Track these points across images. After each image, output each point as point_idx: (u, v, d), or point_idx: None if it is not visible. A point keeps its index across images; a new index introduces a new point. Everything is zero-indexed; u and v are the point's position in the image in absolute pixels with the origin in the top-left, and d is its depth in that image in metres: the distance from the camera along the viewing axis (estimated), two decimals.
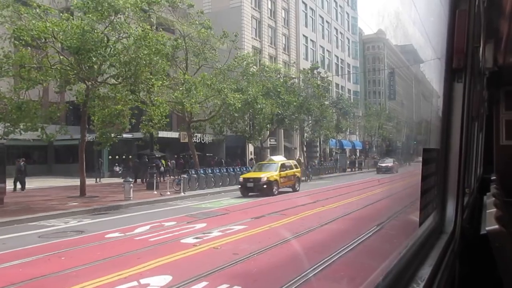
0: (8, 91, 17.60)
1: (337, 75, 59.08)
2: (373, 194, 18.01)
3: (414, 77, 46.19)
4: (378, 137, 56.21)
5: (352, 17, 67.43)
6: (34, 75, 17.43)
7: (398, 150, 39.91)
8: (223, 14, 39.81)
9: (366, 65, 72.74)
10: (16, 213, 14.02)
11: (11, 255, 8.71)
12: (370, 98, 70.69)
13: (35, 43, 17.56)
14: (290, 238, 9.71)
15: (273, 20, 48.38)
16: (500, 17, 3.19)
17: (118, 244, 9.85)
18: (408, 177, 8.30)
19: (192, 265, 7.64)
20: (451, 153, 2.40)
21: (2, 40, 16.63)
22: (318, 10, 57.53)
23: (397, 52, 67.06)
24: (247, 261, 7.52)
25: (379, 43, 71.78)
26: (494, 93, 5.34)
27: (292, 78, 39.21)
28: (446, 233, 2.35)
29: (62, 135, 20.16)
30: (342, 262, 7.12)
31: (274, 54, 48.00)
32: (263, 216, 13.47)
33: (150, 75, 19.10)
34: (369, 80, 74.39)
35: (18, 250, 9.18)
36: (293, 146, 47.62)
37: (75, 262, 7.94)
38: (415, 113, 19.18)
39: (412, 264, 1.74)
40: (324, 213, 13.66)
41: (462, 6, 2.25)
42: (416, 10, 2.85)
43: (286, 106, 33.82)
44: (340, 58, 63.35)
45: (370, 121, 53.80)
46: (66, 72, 18.15)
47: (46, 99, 24.14)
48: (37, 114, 17.79)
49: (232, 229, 10.84)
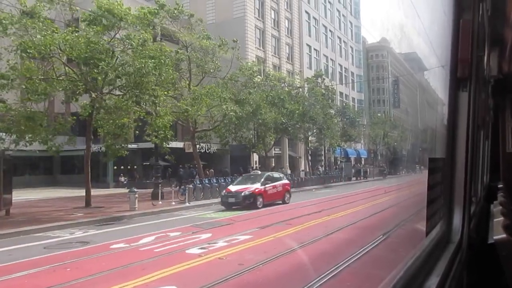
0: (15, 103, 17.76)
1: (341, 83, 59.13)
2: (379, 203, 17.91)
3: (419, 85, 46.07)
4: (383, 145, 56.01)
5: (355, 26, 67.68)
6: (41, 87, 17.59)
7: (403, 159, 39.76)
8: (227, 25, 40.13)
9: (370, 74, 72.83)
10: (22, 224, 14.05)
11: (16, 266, 8.71)
12: (374, 107, 70.64)
13: (42, 56, 17.73)
14: (296, 247, 9.65)
15: (276, 30, 48.65)
16: (504, 25, 3.19)
17: (123, 255, 9.83)
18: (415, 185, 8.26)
19: (198, 275, 7.60)
20: (457, 161, 2.39)
21: (8, 52, 16.81)
22: (321, 19, 57.81)
23: (401, 60, 67.15)
24: (252, 272, 7.47)
25: (383, 52, 71.90)
26: (499, 101, 5.32)
27: (297, 88, 39.31)
28: (453, 242, 2.34)
29: (68, 146, 20.27)
30: (348, 272, 7.06)
31: (278, 63, 48.19)
32: (269, 226, 13.41)
33: (155, 85, 19.21)
34: (373, 89, 74.39)
35: (24, 261, 9.18)
36: (297, 155, 47.55)
37: (80, 273, 7.92)
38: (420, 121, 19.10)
39: (419, 274, 1.73)
40: (329, 223, 13.59)
41: (466, 16, 2.26)
42: (420, 20, 2.87)
43: (290, 115, 33.86)
44: (344, 66, 63.48)
45: (375, 129, 53.69)
46: (72, 84, 18.31)
47: (51, 110, 24.32)
48: (44, 126, 17.92)
49: (238, 239, 10.79)
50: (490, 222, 3.54)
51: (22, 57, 17.83)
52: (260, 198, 19.20)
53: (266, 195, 19.66)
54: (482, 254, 2.80)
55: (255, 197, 18.96)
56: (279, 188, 20.87)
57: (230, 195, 19.22)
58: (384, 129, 53.29)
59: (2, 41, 17.01)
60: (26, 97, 17.65)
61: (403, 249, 3.96)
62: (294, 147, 47.32)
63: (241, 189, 19.27)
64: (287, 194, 21.50)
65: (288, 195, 21.55)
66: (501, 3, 2.83)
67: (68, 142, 19.83)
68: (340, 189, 31.45)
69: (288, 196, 21.56)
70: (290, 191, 22.10)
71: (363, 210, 16.73)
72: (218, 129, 29.57)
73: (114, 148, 20.06)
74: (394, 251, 6.92)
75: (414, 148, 17.18)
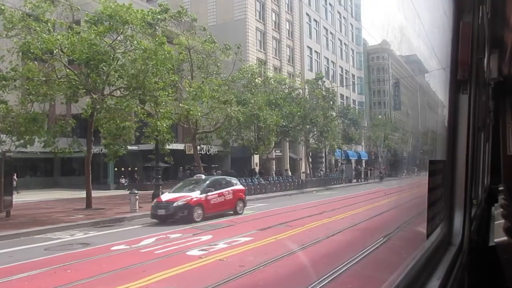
0: (16, 104, 17.78)
1: (341, 85, 59.14)
2: (380, 205, 17.89)
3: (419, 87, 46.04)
4: (384, 147, 55.99)
5: (356, 28, 67.72)
6: (42, 89, 17.62)
7: (404, 161, 39.73)
8: (227, 27, 40.19)
9: (370, 76, 72.83)
10: (23, 226, 14.06)
11: (17, 268, 8.71)
12: (375, 109, 70.64)
13: (43, 57, 17.76)
14: (297, 249, 9.65)
15: (277, 32, 48.71)
16: (504, 28, 3.20)
17: (124, 257, 9.83)
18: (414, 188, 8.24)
19: (198, 277, 7.60)
20: (457, 164, 2.40)
21: (10, 54, 16.85)
22: (322, 21, 57.87)
23: (401, 62, 67.15)
24: (253, 273, 7.47)
25: (384, 54, 71.92)
26: (500, 103, 5.32)
27: (297, 89, 39.36)
28: (454, 245, 2.34)
29: (72, 149, 20.28)
30: (349, 274, 7.05)
31: (279, 65, 48.23)
32: (269, 227, 13.40)
33: (157, 86, 19.23)
34: (374, 91, 74.39)
35: (25, 263, 9.18)
36: (298, 157, 47.56)
37: (81, 275, 7.93)
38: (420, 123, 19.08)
39: (420, 276, 1.73)
40: (330, 224, 13.58)
41: (465, 18, 2.27)
42: (421, 22, 2.87)
43: (291, 118, 33.88)
44: (345, 69, 63.51)
45: (376, 131, 53.69)
46: (73, 85, 18.34)
47: (52, 112, 24.36)
48: (44, 128, 17.95)
49: (238, 241, 10.79)
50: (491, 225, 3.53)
51: (23, 58, 17.88)
52: (198, 209, 15.74)
53: (208, 205, 16.26)
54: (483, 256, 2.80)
55: (191, 208, 15.45)
56: (229, 196, 17.52)
57: (160, 205, 15.72)
58: (385, 131, 53.30)
59: (5, 42, 17.05)
60: (27, 98, 17.67)
61: (404, 251, 3.96)
62: (295, 149, 47.33)
63: (174, 198, 15.88)
64: (240, 203, 18.19)
65: (241, 204, 18.24)
66: (501, 5, 2.84)
67: (72, 144, 19.83)
68: (341, 191, 31.45)
69: (242, 206, 18.25)
70: (244, 199, 18.83)
71: (364, 212, 16.73)
72: (219, 131, 29.60)
73: (114, 148, 20.04)
74: (395, 253, 6.90)
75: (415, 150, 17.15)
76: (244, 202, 18.64)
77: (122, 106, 18.85)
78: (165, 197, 16.57)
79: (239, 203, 18.12)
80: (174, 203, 15.52)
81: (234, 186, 18.48)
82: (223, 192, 17.38)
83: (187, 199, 15.72)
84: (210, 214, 16.17)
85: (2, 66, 16.91)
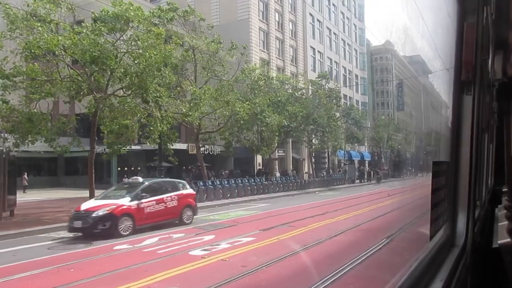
0: (19, 104, 17.84)
1: (345, 86, 59.06)
2: (383, 205, 17.86)
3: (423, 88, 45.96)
4: (387, 148, 55.90)
5: (360, 29, 67.62)
6: (45, 88, 17.67)
7: (407, 161, 39.64)
8: (231, 27, 40.17)
9: (374, 76, 72.70)
10: (26, 225, 14.11)
11: (20, 267, 8.75)
12: (378, 109, 70.48)
13: (47, 57, 17.82)
14: (299, 250, 9.64)
15: (280, 32, 48.69)
16: (508, 29, 3.18)
17: (126, 256, 9.86)
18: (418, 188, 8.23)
19: (201, 277, 7.61)
20: (461, 165, 2.39)
21: (14, 54, 16.91)
22: (325, 22, 57.81)
23: (405, 63, 67.00)
24: (256, 274, 7.47)
25: (387, 54, 71.78)
26: (504, 104, 5.30)
27: (300, 89, 39.34)
28: (457, 246, 2.33)
29: (73, 147, 20.32)
30: (352, 275, 7.04)
31: (282, 65, 48.21)
32: (272, 228, 13.40)
33: (158, 86, 19.25)
34: (377, 91, 74.22)
35: (28, 262, 9.22)
36: (301, 157, 47.52)
37: (84, 274, 7.95)
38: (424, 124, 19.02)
39: (423, 278, 1.72)
40: (333, 225, 13.56)
41: (469, 19, 2.26)
42: (424, 23, 2.87)
43: (294, 118, 33.87)
44: (348, 69, 63.42)
45: (379, 132, 53.61)
46: (76, 84, 18.38)
47: (56, 112, 24.43)
48: (47, 126, 17.98)
49: (241, 241, 10.79)
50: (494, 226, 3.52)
51: (26, 58, 17.93)
52: (126, 220, 12.86)
53: (141, 215, 13.34)
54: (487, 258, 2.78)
55: (115, 220, 12.56)
56: (172, 203, 14.56)
57: (77, 216, 12.77)
58: (388, 131, 53.21)
59: (9, 43, 17.12)
60: (29, 97, 17.71)
61: (407, 252, 3.96)
62: (298, 149, 47.29)
63: (95, 207, 12.92)
64: (188, 211, 15.22)
65: (189, 212, 15.24)
66: (505, 6, 2.83)
67: (73, 142, 19.85)
68: (344, 192, 31.41)
69: (190, 214, 15.25)
70: (194, 206, 15.78)
71: (367, 212, 16.68)
72: (222, 131, 29.63)
73: (116, 147, 20.06)
74: (397, 254, 6.89)
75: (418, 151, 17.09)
76: (193, 209, 15.56)
77: (125, 105, 18.90)
78: (85, 205, 13.42)
79: (186, 210, 15.14)
80: (94, 213, 12.54)
81: (181, 190, 15.63)
82: (164, 198, 14.37)
83: (111, 208, 12.75)
84: (144, 226, 13.30)
85: (5, 67, 16.97)
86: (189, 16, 26.29)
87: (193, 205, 15.70)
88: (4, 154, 16.05)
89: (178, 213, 14.79)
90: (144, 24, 18.70)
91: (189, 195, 15.85)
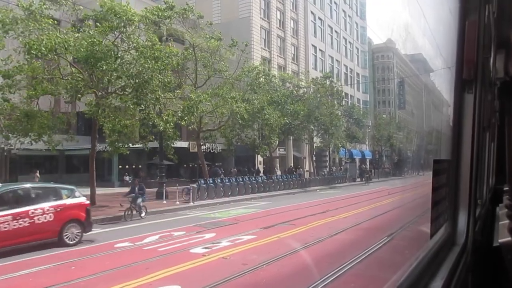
0: (21, 103, 17.87)
1: (346, 84, 59.00)
2: (383, 204, 17.85)
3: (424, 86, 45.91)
4: (388, 146, 55.86)
5: (361, 27, 67.50)
6: (46, 86, 17.68)
7: (408, 160, 39.58)
8: (232, 25, 40.12)
9: (375, 75, 72.61)
10: None
11: (21, 264, 8.76)
12: (379, 108, 70.40)
13: (48, 56, 17.84)
14: (300, 248, 9.64)
15: (282, 30, 48.63)
16: (510, 27, 3.17)
17: (127, 254, 9.87)
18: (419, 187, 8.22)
19: (201, 275, 7.61)
20: (462, 163, 2.38)
21: (16, 53, 16.93)
22: (327, 20, 57.73)
23: (406, 61, 66.90)
24: (256, 272, 7.48)
25: (388, 52, 71.67)
26: (505, 103, 5.29)
27: (302, 88, 39.32)
28: (458, 245, 2.33)
29: (73, 145, 20.36)
30: (352, 273, 7.04)
31: (283, 64, 48.17)
32: (272, 226, 13.40)
33: (156, 87, 19.21)
34: (378, 90, 74.15)
35: (28, 259, 9.23)
36: (302, 155, 47.52)
37: (85, 272, 7.96)
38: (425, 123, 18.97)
39: (423, 276, 1.72)
40: (333, 223, 13.56)
41: (471, 17, 2.25)
42: (426, 21, 2.86)
43: (295, 116, 33.84)
44: (349, 67, 63.34)
45: (380, 130, 53.57)
46: (77, 83, 18.39)
47: (57, 110, 24.48)
48: (46, 124, 17.98)
49: (241, 239, 10.80)
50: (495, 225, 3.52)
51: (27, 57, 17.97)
52: None
53: None
54: (487, 257, 2.78)
55: None
56: (43, 218, 10.48)
57: None
58: (389, 130, 53.17)
59: (11, 42, 17.14)
60: (29, 94, 17.73)
61: (407, 251, 3.95)
62: (299, 148, 47.29)
63: None
64: (73, 227, 11.18)
65: (74, 229, 11.20)
66: (507, 4, 2.82)
67: (68, 139, 19.83)
68: (345, 190, 31.40)
69: (77, 231, 11.22)
70: (82, 221, 11.42)
71: (368, 211, 16.67)
72: (223, 129, 29.62)
73: (117, 146, 20.08)
74: (398, 253, 6.89)
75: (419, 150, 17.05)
76: (82, 225, 11.43)
77: (125, 104, 18.91)
78: None
79: (71, 227, 11.09)
80: None
81: (64, 200, 11.39)
82: (29, 212, 10.26)
83: None
84: None
85: (9, 66, 17.00)
86: (188, 14, 26.23)
87: (81, 219, 11.42)
88: (6, 152, 16.08)
89: (56, 231, 10.77)
90: (138, 20, 18.66)
91: (76, 206, 11.52)
